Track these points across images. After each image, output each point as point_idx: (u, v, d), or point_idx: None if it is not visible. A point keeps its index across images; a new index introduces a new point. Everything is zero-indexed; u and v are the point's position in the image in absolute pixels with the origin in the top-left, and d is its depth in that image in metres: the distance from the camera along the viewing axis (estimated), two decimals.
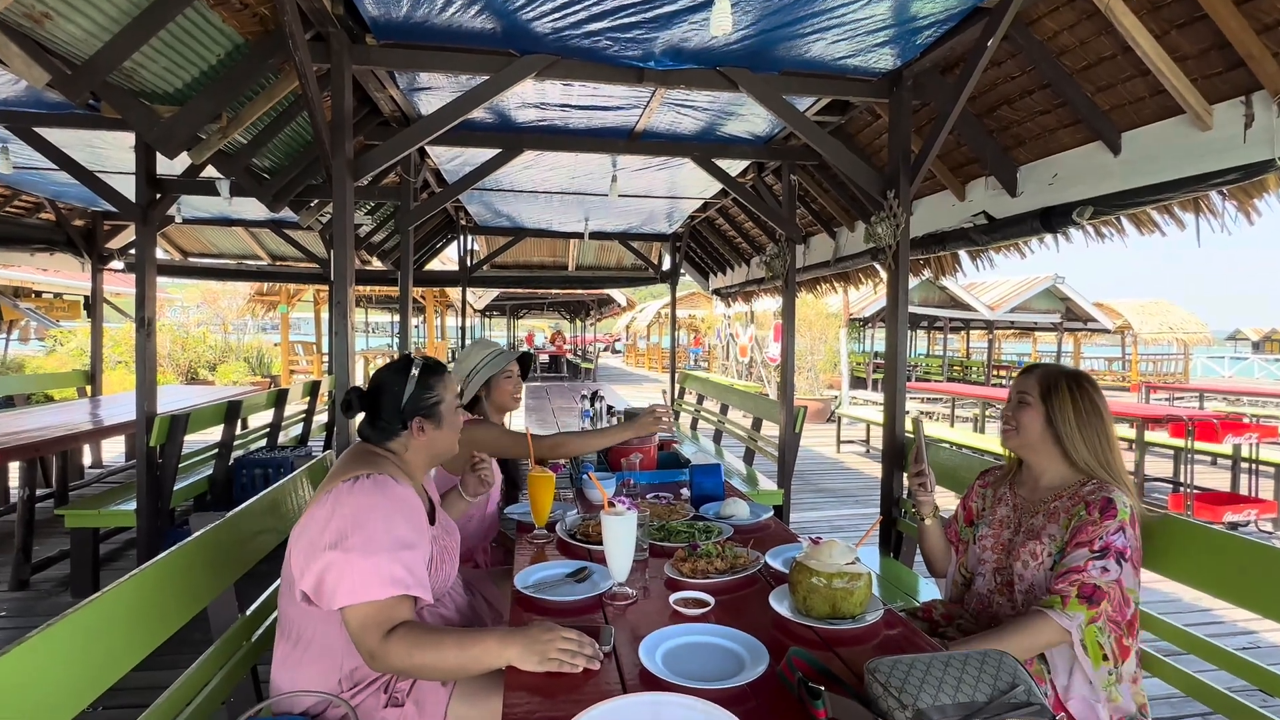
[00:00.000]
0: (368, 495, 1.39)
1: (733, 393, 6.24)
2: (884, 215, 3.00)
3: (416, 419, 1.57)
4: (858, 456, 8.04)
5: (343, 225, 2.62)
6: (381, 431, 1.56)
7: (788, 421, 4.30)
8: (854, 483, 6.64)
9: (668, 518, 2.18)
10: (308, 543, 1.36)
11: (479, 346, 2.46)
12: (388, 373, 1.61)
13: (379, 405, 1.57)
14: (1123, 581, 1.54)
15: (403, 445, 1.57)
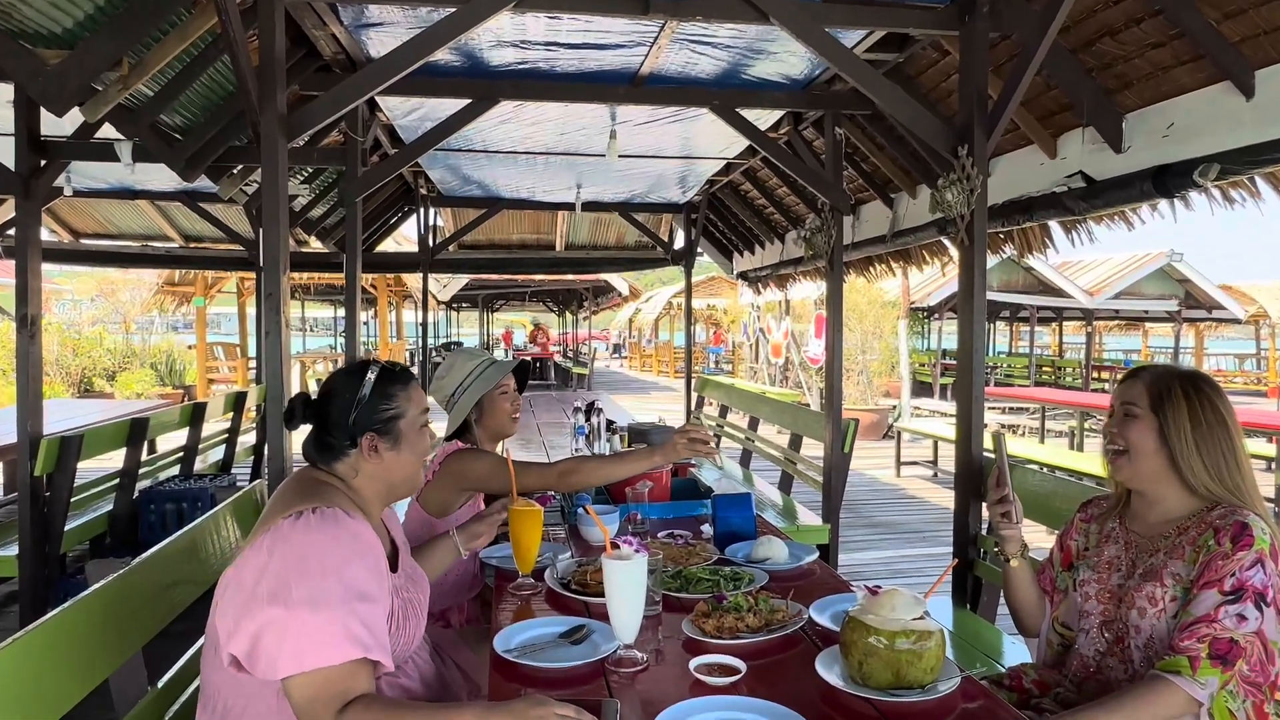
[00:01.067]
0: (316, 534, 1.38)
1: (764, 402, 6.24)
2: (954, 178, 2.99)
3: (368, 435, 1.56)
4: (923, 482, 8.02)
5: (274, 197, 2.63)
6: (327, 449, 1.56)
7: (834, 438, 4.30)
8: (919, 515, 6.63)
9: (685, 562, 2.17)
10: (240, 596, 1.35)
11: (465, 358, 2.46)
12: (341, 376, 1.61)
13: (327, 415, 1.57)
14: (1263, 632, 1.50)
15: (351, 468, 1.57)
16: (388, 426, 1.58)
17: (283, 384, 2.62)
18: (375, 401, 1.58)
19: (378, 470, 1.58)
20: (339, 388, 1.59)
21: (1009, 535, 1.94)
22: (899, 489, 7.73)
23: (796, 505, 4.63)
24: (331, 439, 1.56)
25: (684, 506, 2.80)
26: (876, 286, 11.61)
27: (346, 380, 1.60)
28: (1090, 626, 1.73)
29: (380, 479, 1.59)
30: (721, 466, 5.79)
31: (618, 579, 1.59)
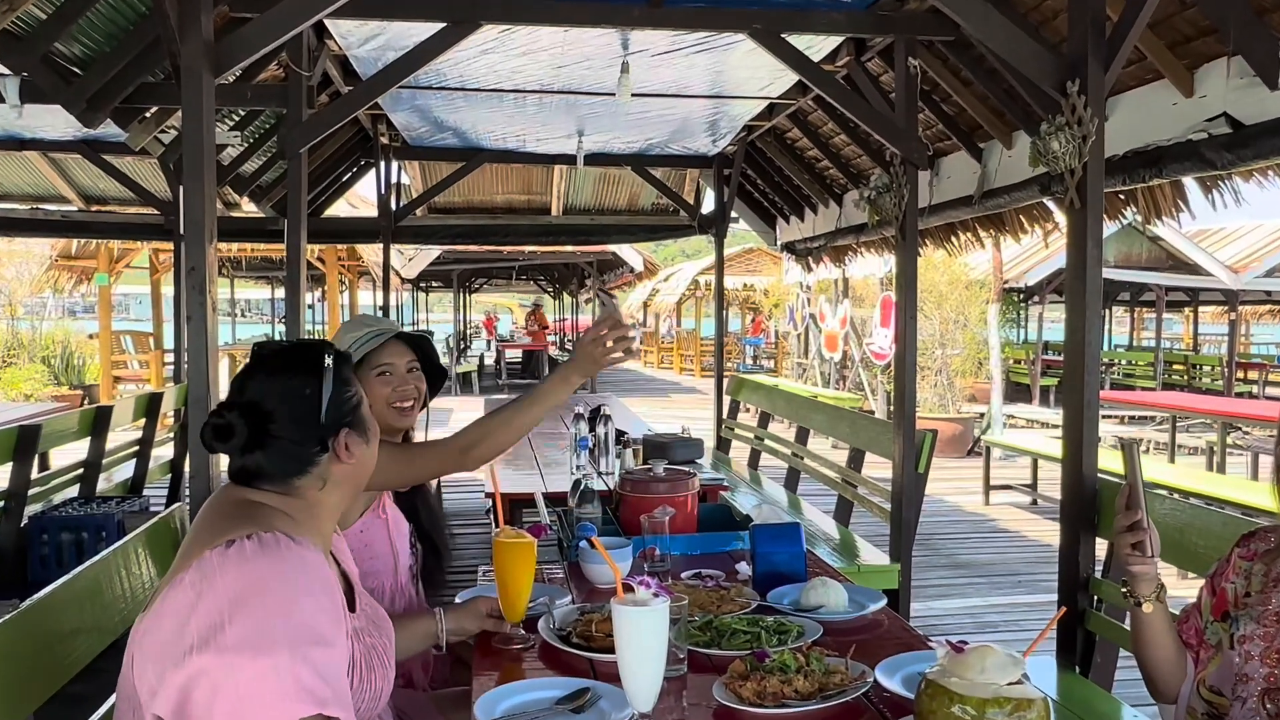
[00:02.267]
0: (255, 565, 1.39)
1: (816, 409, 6.24)
2: (1061, 122, 2.98)
3: (344, 432, 1.59)
4: (1019, 511, 8.00)
5: (197, 147, 2.64)
6: (286, 466, 1.57)
7: (905, 455, 4.30)
8: (1014, 553, 6.62)
9: (717, 609, 2.17)
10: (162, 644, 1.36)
11: (350, 328, 2.44)
12: (284, 369, 1.61)
13: (274, 424, 1.58)
14: None
15: (317, 481, 1.58)
16: (358, 416, 1.62)
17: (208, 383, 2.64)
18: (340, 390, 1.60)
19: (349, 472, 1.61)
20: (290, 386, 1.60)
21: (1141, 572, 1.91)
22: (988, 520, 7.69)
23: (857, 540, 4.62)
24: (293, 451, 1.57)
25: (714, 540, 2.79)
26: (960, 262, 11.56)
27: (296, 372, 1.60)
28: (1250, 694, 1.71)
29: (350, 482, 1.63)
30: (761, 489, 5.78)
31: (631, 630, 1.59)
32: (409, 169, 8.58)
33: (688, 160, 8.03)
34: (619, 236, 9.83)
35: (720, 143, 7.46)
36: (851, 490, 5.02)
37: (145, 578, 2.26)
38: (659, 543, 2.54)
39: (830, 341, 13.60)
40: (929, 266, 11.28)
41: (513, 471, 4.49)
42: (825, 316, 13.77)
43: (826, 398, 10.52)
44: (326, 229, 8.58)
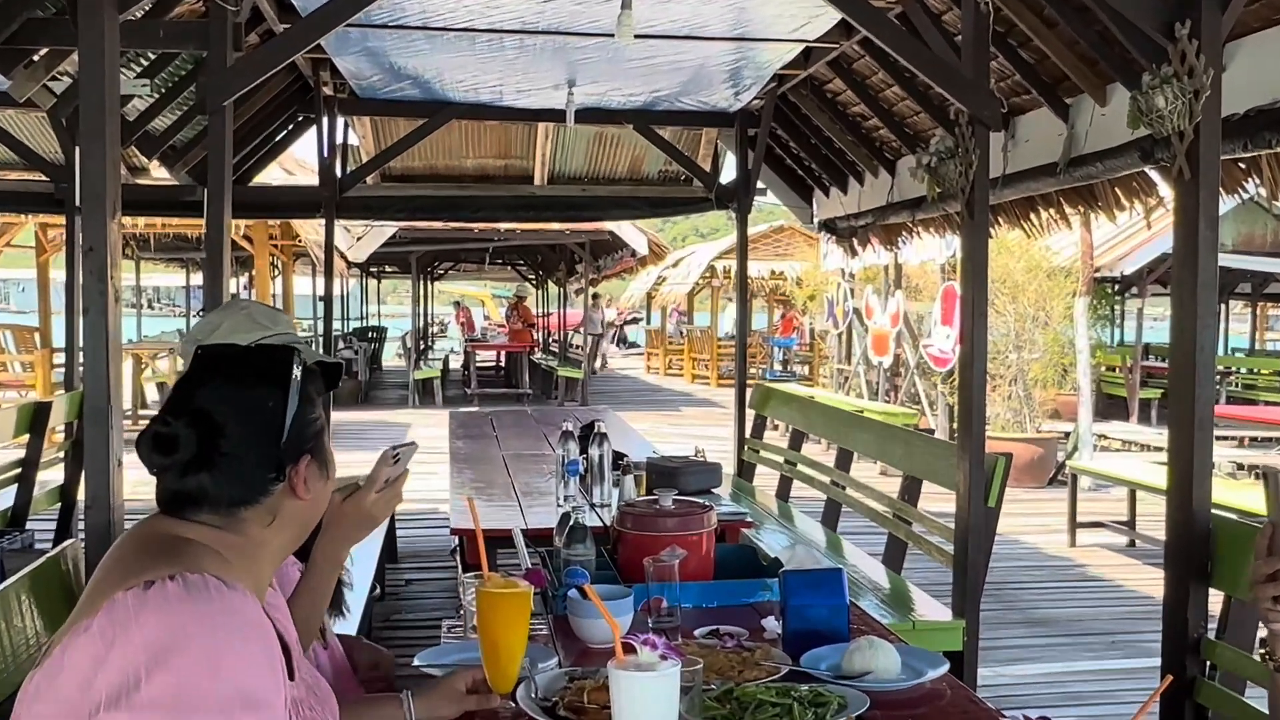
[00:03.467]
0: (179, 612, 1.40)
1: (861, 426, 6.23)
2: (1168, 73, 2.98)
3: (304, 460, 1.62)
4: (1113, 555, 7.99)
5: (98, 99, 2.65)
6: (233, 491, 1.59)
7: (973, 485, 4.30)
8: (1106, 606, 6.60)
9: (738, 675, 2.17)
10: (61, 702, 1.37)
11: (235, 323, 2.32)
12: (246, 375, 1.64)
13: (226, 440, 1.59)
14: None
15: (265, 515, 1.60)
16: (320, 444, 1.65)
17: (109, 390, 2.64)
18: (305, 409, 1.63)
19: (301, 512, 1.63)
20: (250, 396, 1.61)
21: None
22: (1074, 566, 7.67)
23: (913, 590, 4.61)
24: (250, 471, 1.59)
25: (736, 589, 2.79)
26: (1040, 245, 11.56)
27: (255, 380, 1.62)
28: None
29: (299, 524, 1.65)
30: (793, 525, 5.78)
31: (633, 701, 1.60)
32: (358, 127, 8.57)
33: (704, 118, 8.02)
34: (618, 212, 9.85)
35: (744, 96, 7.46)
36: (905, 528, 5.00)
37: (31, 631, 2.27)
38: (666, 592, 2.53)
39: (879, 343, 13.58)
40: (1002, 250, 11.27)
41: (484, 503, 4.50)
42: (872, 312, 13.75)
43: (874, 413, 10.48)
44: (255, 200, 8.58)
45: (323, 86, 7.42)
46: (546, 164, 9.31)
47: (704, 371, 24.27)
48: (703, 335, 25.38)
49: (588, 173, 9.61)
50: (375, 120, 8.30)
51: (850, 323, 15.02)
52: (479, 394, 18.40)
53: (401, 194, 9.07)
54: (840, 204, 8.25)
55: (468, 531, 3.95)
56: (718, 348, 23.62)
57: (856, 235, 8.04)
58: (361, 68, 6.70)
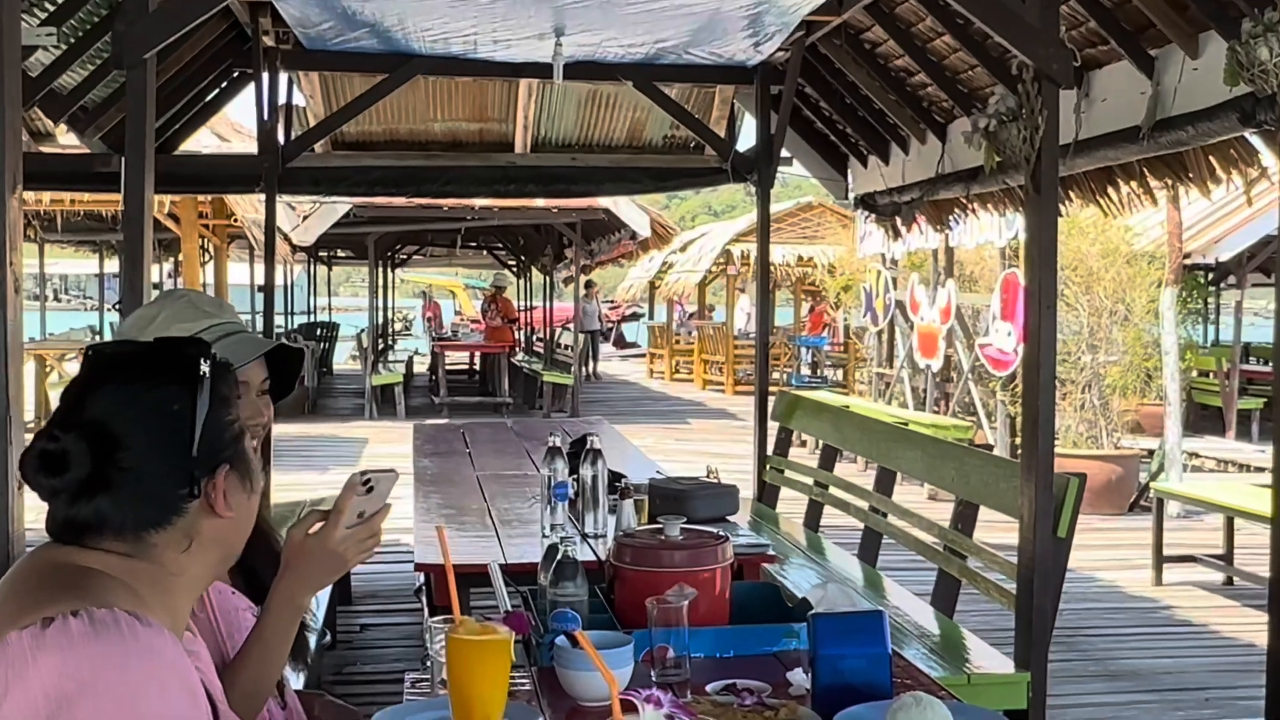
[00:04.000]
0: (84, 653, 1.40)
1: (907, 442, 6.20)
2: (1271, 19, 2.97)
3: (222, 471, 1.63)
4: (1206, 594, 7.97)
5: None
6: (140, 513, 1.59)
7: (1039, 511, 4.29)
8: (1198, 656, 6.59)
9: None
10: None
11: (175, 313, 2.43)
12: (143, 376, 1.64)
13: (126, 453, 1.59)
14: None
15: (180, 539, 1.61)
16: (239, 451, 1.67)
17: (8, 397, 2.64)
18: (219, 411, 1.64)
19: (223, 532, 1.65)
20: (149, 399, 1.62)
21: None
22: (1160, 607, 7.66)
23: (967, 636, 4.60)
24: (157, 487, 1.59)
25: (756, 636, 2.80)
26: (1120, 225, 11.56)
27: (157, 383, 1.62)
28: None
29: (222, 546, 1.66)
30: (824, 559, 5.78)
31: None
32: (305, 84, 8.56)
33: (717, 73, 8.01)
34: (614, 185, 9.81)
35: (766, 47, 7.44)
36: (959, 563, 5.00)
37: None
38: (673, 639, 2.54)
39: (926, 342, 13.58)
40: (1074, 231, 11.27)
41: (455, 532, 4.50)
42: (919, 305, 13.74)
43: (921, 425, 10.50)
44: (183, 172, 8.57)
45: (263, 36, 7.40)
46: (530, 129, 9.31)
47: (717, 376, 24.29)
48: (716, 333, 25.37)
49: (579, 139, 9.60)
50: (325, 76, 8.29)
51: (892, 318, 15.02)
52: (449, 403, 18.41)
53: (356, 164, 9.06)
54: (880, 176, 8.24)
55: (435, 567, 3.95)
56: (734, 348, 23.64)
57: (900, 213, 8.02)
58: (309, 13, 6.69)
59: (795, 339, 22.96)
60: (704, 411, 20.02)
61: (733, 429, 16.61)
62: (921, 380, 14.08)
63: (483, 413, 17.85)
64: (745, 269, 23.18)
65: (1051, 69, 4.40)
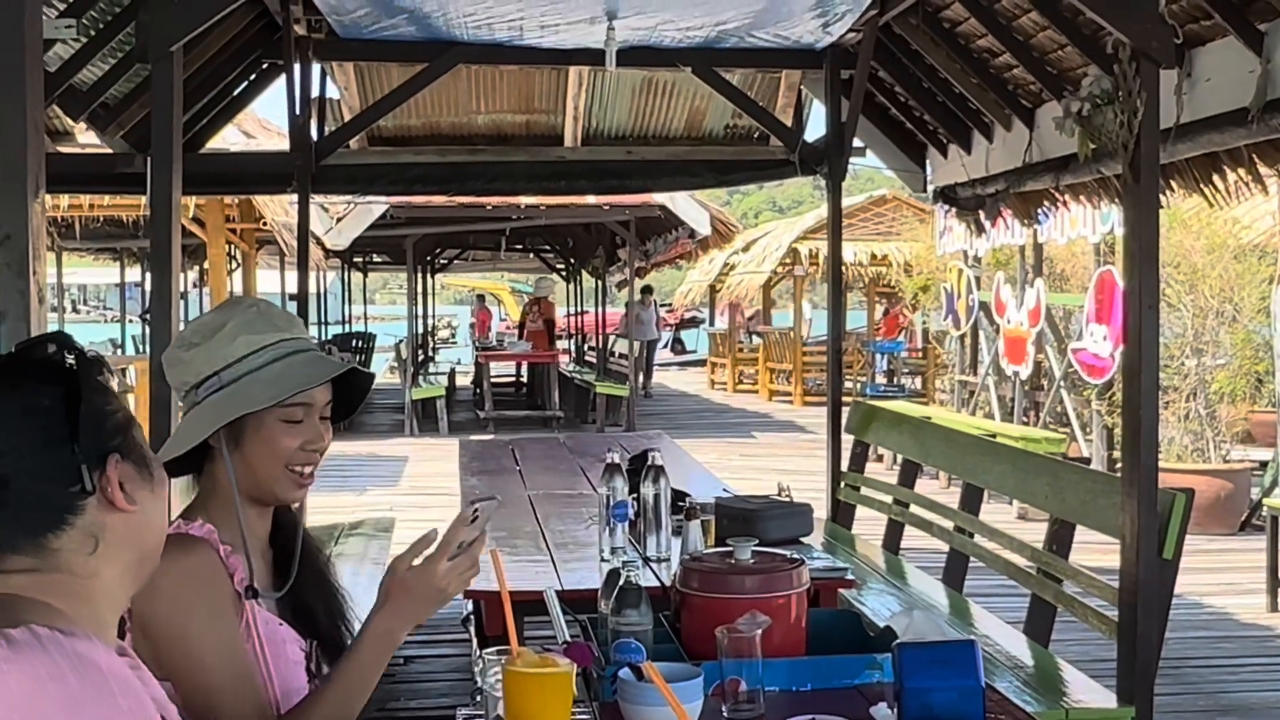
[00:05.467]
0: (13, 681, 1.39)
1: (994, 456, 6.15)
2: None
3: (112, 461, 1.62)
4: None
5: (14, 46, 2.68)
6: (34, 521, 1.59)
7: (1143, 531, 4.26)
8: None
9: None
10: None
11: (242, 323, 2.44)
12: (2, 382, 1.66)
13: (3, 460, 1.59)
14: None
15: (84, 540, 1.60)
16: (130, 440, 1.66)
17: None
18: (96, 398, 1.64)
19: (128, 529, 1.64)
20: (15, 402, 1.62)
21: None
22: (1276, 635, 7.59)
23: (1064, 667, 4.56)
24: (45, 489, 1.60)
25: (836, 667, 2.80)
26: (1226, 217, 11.44)
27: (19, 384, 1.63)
28: None
29: (132, 546, 1.66)
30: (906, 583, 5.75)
31: None
32: (339, 76, 8.63)
33: (784, 57, 8.01)
34: (671, 180, 9.82)
35: (836, 28, 7.43)
36: (1054, 588, 4.96)
37: None
38: (746, 671, 2.55)
39: (1013, 347, 13.49)
40: (1176, 224, 11.18)
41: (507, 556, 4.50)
42: (1005, 307, 13.67)
43: (1009, 437, 10.42)
44: (210, 171, 8.65)
45: (294, 25, 7.46)
46: (580, 120, 9.34)
47: (784, 386, 24.23)
48: (783, 339, 25.32)
49: (633, 131, 9.62)
50: (360, 67, 8.35)
51: (976, 321, 14.94)
52: (495, 417, 18.45)
53: (395, 161, 9.10)
54: (962, 166, 8.20)
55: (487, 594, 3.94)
56: (802, 355, 23.57)
57: (984, 207, 7.99)
58: (343, 0, 6.75)
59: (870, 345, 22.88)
60: (770, 424, 19.99)
61: (802, 443, 16.58)
62: (1008, 389, 13.98)
63: (531, 427, 17.92)
64: (814, 269, 23.13)
65: (1151, 47, 4.37)
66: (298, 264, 8.24)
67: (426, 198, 14.68)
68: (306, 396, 2.39)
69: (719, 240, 21.19)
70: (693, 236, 19.35)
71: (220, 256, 15.52)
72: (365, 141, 9.01)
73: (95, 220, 15.96)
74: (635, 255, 20.38)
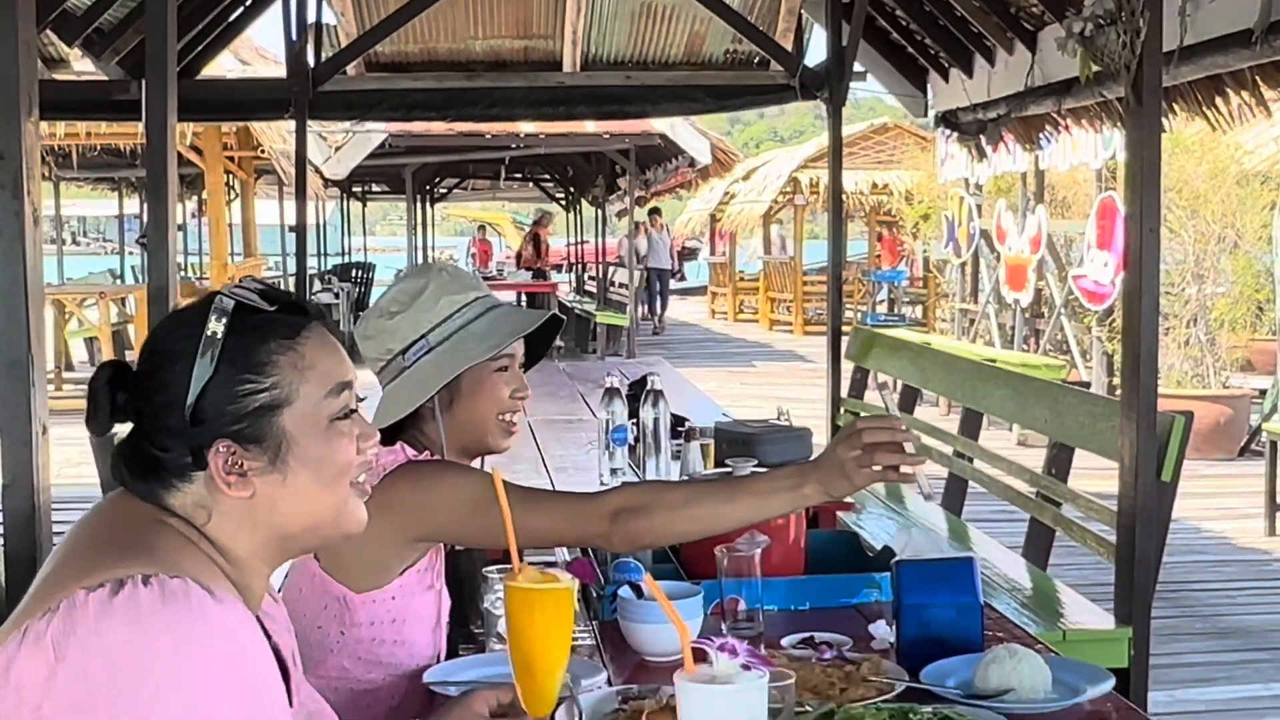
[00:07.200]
0: (150, 626, 1.42)
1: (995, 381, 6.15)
2: None
3: (221, 445, 1.61)
4: None
5: None
6: (149, 470, 1.61)
7: (1142, 454, 4.26)
8: None
9: (839, 694, 2.19)
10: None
11: (443, 282, 2.56)
12: (172, 326, 1.66)
13: (148, 404, 1.62)
14: None
15: (195, 508, 1.61)
16: (258, 425, 1.62)
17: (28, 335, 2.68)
18: (232, 374, 1.61)
19: (248, 510, 1.63)
20: (169, 347, 1.63)
21: None
22: (1274, 559, 7.64)
23: (1062, 589, 4.59)
24: (157, 449, 1.60)
25: (835, 586, 2.82)
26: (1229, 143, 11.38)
27: (180, 332, 1.63)
28: None
29: (258, 524, 1.64)
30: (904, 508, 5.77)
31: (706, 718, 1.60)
32: (336, 1, 8.57)
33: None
34: (670, 105, 9.72)
35: None
36: (1052, 511, 4.97)
37: None
38: (745, 591, 2.56)
39: (1014, 275, 13.48)
40: (1178, 150, 11.12)
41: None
42: (1006, 234, 13.64)
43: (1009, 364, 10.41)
44: (206, 97, 8.60)
45: None
46: (579, 45, 9.28)
47: (785, 316, 24.22)
48: (783, 268, 25.26)
49: (632, 56, 9.56)
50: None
51: (976, 249, 14.92)
52: None
53: (392, 86, 9.04)
54: (964, 90, 8.14)
55: None
56: (803, 284, 23.53)
57: (985, 131, 7.93)
58: None
59: (871, 274, 22.84)
60: (771, 353, 20.01)
61: (803, 372, 16.61)
62: (1009, 316, 13.99)
63: None
64: (814, 198, 23.05)
65: None
66: (295, 191, 8.22)
67: (425, 125, 14.61)
68: (511, 347, 2.53)
69: (719, 169, 21.07)
70: (693, 165, 19.30)
71: (218, 185, 15.49)
72: (363, 68, 8.95)
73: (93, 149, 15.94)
74: (635, 184, 20.31)
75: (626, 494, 2.39)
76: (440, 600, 2.52)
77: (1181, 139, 10.68)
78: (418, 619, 2.44)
